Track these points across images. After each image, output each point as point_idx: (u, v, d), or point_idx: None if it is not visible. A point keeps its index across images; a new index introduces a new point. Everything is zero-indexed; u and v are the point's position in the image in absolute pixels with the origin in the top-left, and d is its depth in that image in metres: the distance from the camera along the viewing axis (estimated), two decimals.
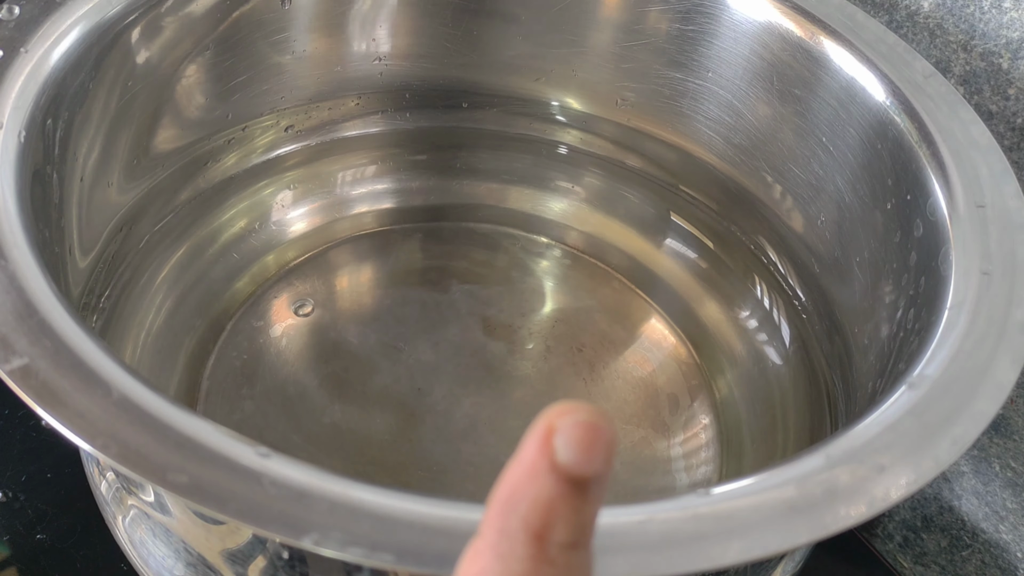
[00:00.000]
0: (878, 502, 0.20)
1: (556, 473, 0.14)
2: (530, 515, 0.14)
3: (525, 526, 0.14)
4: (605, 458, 0.14)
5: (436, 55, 0.42)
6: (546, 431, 0.14)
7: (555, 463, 0.14)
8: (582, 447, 0.14)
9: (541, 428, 0.14)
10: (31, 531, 0.35)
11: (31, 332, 0.21)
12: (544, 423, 0.14)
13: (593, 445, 0.14)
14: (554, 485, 0.14)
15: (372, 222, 0.44)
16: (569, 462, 0.14)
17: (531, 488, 0.14)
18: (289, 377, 0.37)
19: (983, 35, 0.34)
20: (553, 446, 0.14)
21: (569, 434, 0.14)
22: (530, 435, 0.14)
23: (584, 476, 0.14)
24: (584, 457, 0.14)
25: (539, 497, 0.14)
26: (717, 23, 0.37)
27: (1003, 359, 0.24)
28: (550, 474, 0.14)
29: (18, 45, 0.28)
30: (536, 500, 0.14)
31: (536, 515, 0.14)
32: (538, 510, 0.14)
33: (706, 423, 0.38)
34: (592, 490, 0.14)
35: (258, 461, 0.19)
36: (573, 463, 0.14)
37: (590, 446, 0.14)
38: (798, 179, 0.37)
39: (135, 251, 0.36)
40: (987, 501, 0.39)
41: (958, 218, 0.28)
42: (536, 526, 0.14)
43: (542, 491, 0.14)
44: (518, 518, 0.14)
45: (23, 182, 0.25)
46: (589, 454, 0.14)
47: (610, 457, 0.14)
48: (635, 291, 0.43)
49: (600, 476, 0.14)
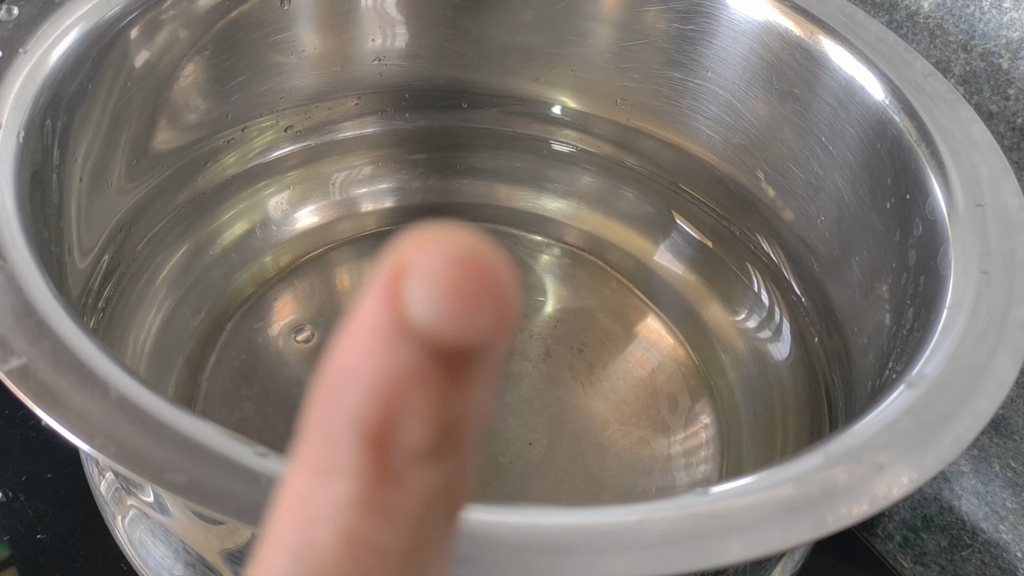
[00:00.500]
0: (879, 500, 0.20)
1: (410, 339, 0.09)
2: (363, 405, 0.09)
3: (355, 423, 0.09)
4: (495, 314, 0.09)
5: (435, 55, 0.42)
6: (395, 270, 0.09)
7: (408, 322, 0.09)
8: (455, 295, 0.09)
9: (388, 267, 0.09)
10: (31, 531, 0.35)
11: (30, 332, 0.21)
12: (393, 259, 0.09)
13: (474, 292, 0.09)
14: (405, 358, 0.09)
15: (372, 222, 0.44)
16: (429, 320, 0.09)
17: (367, 364, 0.09)
18: (289, 377, 0.38)
19: (983, 35, 0.34)
20: (404, 294, 0.09)
21: (430, 277, 0.09)
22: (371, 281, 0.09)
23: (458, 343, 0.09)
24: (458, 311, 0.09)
25: (378, 378, 0.09)
26: (716, 23, 0.37)
27: (1003, 357, 0.24)
28: (399, 340, 0.09)
29: (17, 45, 0.28)
30: (374, 381, 0.09)
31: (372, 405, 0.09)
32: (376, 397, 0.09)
33: (706, 422, 0.38)
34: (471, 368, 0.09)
35: (257, 461, 0.19)
36: (436, 322, 0.09)
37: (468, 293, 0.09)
38: (797, 178, 0.37)
39: (135, 252, 0.36)
40: (987, 501, 0.39)
41: (957, 217, 0.28)
42: (373, 422, 0.09)
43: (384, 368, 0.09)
44: (345, 412, 0.09)
45: (22, 183, 0.25)
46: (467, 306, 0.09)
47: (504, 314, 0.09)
48: (635, 291, 0.43)
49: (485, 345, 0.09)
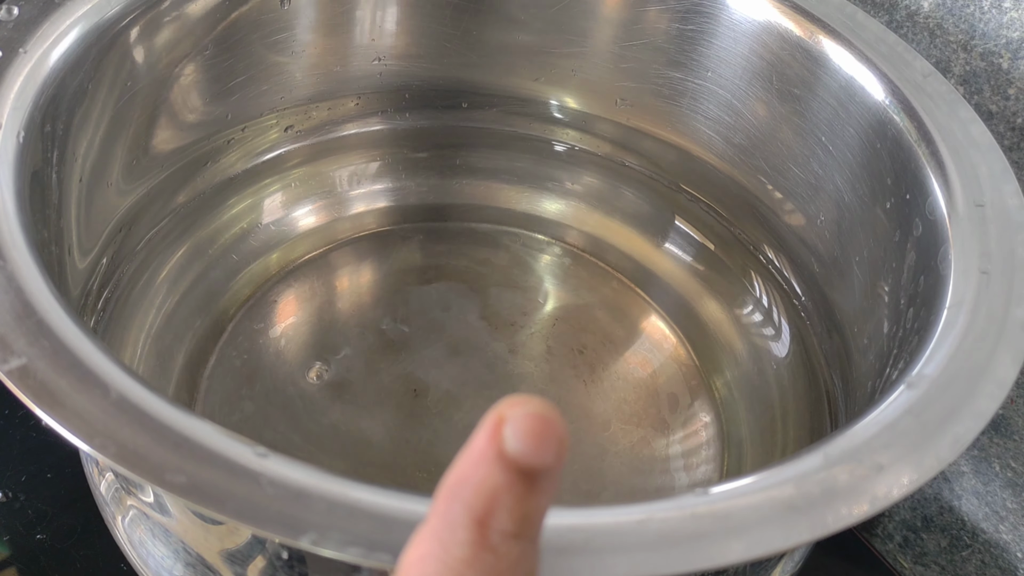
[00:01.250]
0: (879, 500, 0.20)
1: (503, 462, 0.14)
2: (473, 501, 0.14)
3: (467, 511, 0.14)
4: (555, 451, 0.14)
5: (435, 55, 0.42)
6: (497, 421, 0.14)
7: (502, 452, 0.14)
8: (531, 438, 0.14)
9: (492, 418, 0.14)
10: (31, 531, 0.35)
11: (29, 332, 0.21)
12: (495, 413, 0.14)
13: (542, 436, 0.14)
14: (500, 474, 0.14)
15: (372, 222, 0.44)
16: (517, 451, 0.14)
17: (477, 475, 0.14)
18: (289, 377, 0.37)
19: (983, 35, 0.34)
20: (502, 435, 0.14)
21: (519, 424, 0.14)
22: (481, 425, 0.15)
23: (531, 467, 0.14)
24: (532, 447, 0.14)
25: (484, 483, 0.14)
26: (716, 22, 0.37)
27: (1003, 357, 0.24)
28: (497, 462, 0.14)
29: (17, 45, 0.28)
30: (480, 486, 0.14)
31: (479, 501, 0.14)
32: (481, 496, 0.14)
33: (706, 422, 0.38)
34: (540, 483, 0.14)
35: (256, 461, 0.19)
36: (520, 453, 0.14)
37: (539, 437, 0.14)
38: (797, 178, 0.37)
39: (134, 252, 0.36)
40: (987, 501, 0.39)
41: (957, 217, 0.28)
42: (478, 512, 0.14)
43: (487, 478, 0.14)
44: (461, 504, 0.14)
45: (22, 182, 0.25)
46: (537, 445, 0.14)
47: (560, 451, 0.14)
48: (635, 290, 0.43)
49: (549, 470, 0.14)
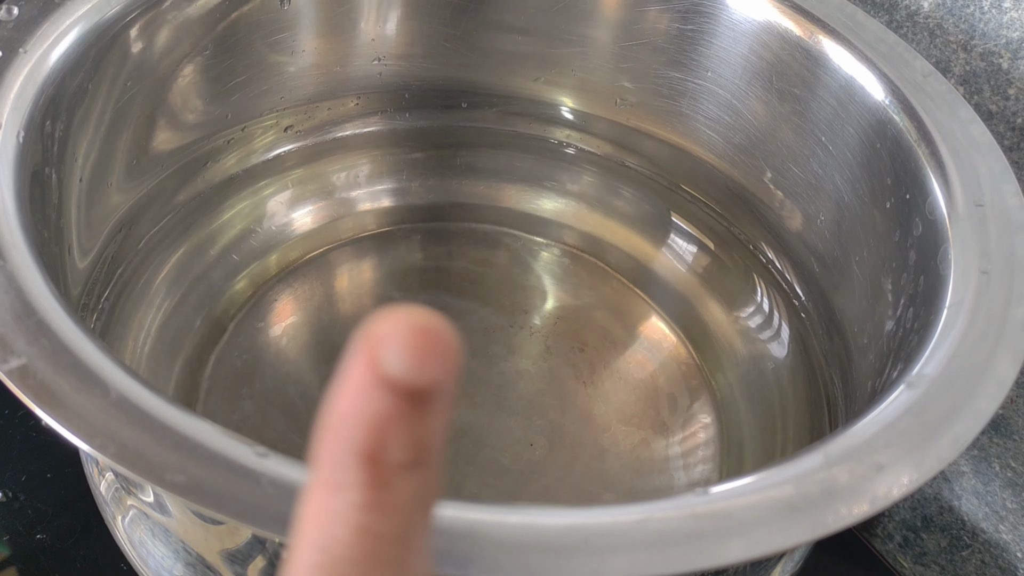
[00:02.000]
0: (879, 500, 0.20)
1: (386, 387, 0.12)
2: (359, 438, 0.13)
3: (354, 450, 0.13)
4: (443, 364, 0.12)
5: (435, 55, 0.42)
6: (372, 341, 0.12)
7: (383, 376, 0.12)
8: (413, 354, 0.12)
9: (366, 339, 0.12)
10: (31, 531, 0.35)
11: (29, 332, 0.21)
12: (369, 333, 0.12)
13: (427, 351, 0.12)
14: (385, 401, 0.12)
15: (372, 222, 0.44)
16: (400, 373, 0.12)
17: (358, 408, 0.12)
18: (289, 377, 0.37)
19: (983, 35, 0.34)
20: (380, 357, 0.12)
21: (398, 342, 0.12)
22: (352, 351, 0.13)
23: (419, 387, 0.12)
24: (417, 365, 0.12)
25: (368, 416, 0.12)
26: (716, 22, 0.37)
27: (1003, 357, 0.24)
28: (379, 389, 0.12)
29: (17, 45, 0.28)
30: (364, 420, 0.12)
31: (365, 437, 0.12)
32: (367, 431, 0.12)
33: (706, 423, 0.38)
34: (432, 402, 0.13)
35: (256, 461, 0.19)
36: (405, 374, 0.12)
37: (424, 352, 0.12)
38: (797, 178, 0.37)
39: (135, 252, 0.36)
40: (987, 501, 0.39)
41: (957, 217, 0.28)
42: (367, 449, 0.13)
43: (371, 410, 0.12)
44: (346, 443, 0.13)
45: (22, 182, 0.25)
46: (423, 361, 0.12)
47: (449, 362, 0.13)
48: (635, 291, 0.43)
49: (440, 386, 0.13)
